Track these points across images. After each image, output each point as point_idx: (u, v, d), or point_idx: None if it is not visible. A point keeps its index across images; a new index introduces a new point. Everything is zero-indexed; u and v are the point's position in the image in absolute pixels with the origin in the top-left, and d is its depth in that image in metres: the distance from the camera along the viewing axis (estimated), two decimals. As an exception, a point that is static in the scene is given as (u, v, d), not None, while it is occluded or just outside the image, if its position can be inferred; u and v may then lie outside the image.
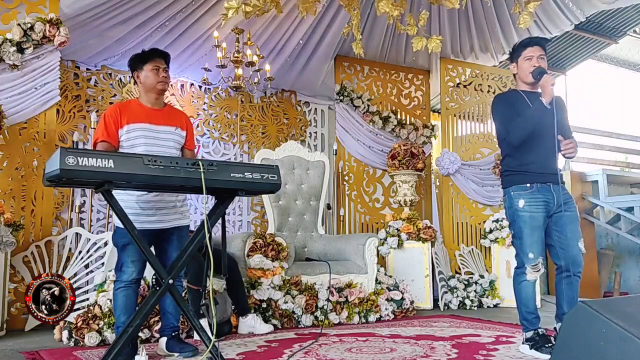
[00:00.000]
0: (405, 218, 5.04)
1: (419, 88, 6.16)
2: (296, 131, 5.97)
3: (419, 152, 5.32)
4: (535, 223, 2.80)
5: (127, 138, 2.72)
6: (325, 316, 3.89)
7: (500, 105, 2.94)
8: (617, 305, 1.83)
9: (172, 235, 2.82)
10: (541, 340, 2.73)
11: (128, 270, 2.68)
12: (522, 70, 2.90)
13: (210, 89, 5.49)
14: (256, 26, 4.86)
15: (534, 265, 2.79)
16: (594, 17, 6.22)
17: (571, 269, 2.80)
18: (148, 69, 2.80)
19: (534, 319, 2.80)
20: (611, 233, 7.45)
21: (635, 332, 1.64)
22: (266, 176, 2.44)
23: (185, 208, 2.93)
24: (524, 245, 2.81)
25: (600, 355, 1.71)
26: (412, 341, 3.17)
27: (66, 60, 4.65)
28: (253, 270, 3.82)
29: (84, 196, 4.63)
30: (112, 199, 2.28)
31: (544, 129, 2.76)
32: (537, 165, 2.81)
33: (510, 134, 2.83)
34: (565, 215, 2.82)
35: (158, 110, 2.85)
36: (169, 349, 2.84)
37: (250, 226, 5.56)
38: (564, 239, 2.82)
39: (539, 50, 2.87)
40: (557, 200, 2.81)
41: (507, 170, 2.93)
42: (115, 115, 2.73)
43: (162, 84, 2.82)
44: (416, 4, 5.01)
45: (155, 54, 2.84)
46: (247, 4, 3.70)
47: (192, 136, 2.98)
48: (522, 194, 2.82)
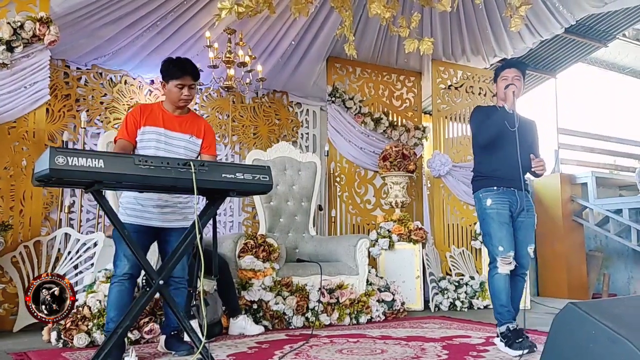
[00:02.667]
0: (396, 219, 5.05)
1: (410, 90, 6.18)
2: (288, 132, 5.97)
3: (410, 153, 5.33)
4: (502, 219, 3.00)
5: (142, 139, 2.79)
6: (316, 317, 3.88)
7: (477, 114, 3.20)
8: (606, 306, 1.85)
9: (172, 237, 2.81)
10: (513, 335, 2.86)
11: (121, 264, 2.71)
12: (499, 90, 3.16)
13: (202, 89, 5.47)
14: (248, 27, 4.85)
15: (505, 257, 2.95)
16: (584, 20, 6.27)
17: (518, 270, 3.04)
18: (173, 84, 2.81)
19: (506, 312, 2.94)
20: (600, 235, 7.51)
21: (624, 334, 1.65)
22: (257, 177, 2.44)
23: (188, 210, 2.89)
24: (494, 240, 2.99)
25: (589, 357, 1.71)
26: (402, 342, 3.18)
27: (56, 59, 4.61)
28: (244, 271, 3.80)
29: (74, 196, 4.59)
30: (102, 199, 2.26)
31: (511, 140, 2.99)
32: (503, 172, 3.03)
33: (479, 136, 3.10)
34: (524, 221, 3.06)
35: (178, 117, 2.89)
36: (167, 347, 2.90)
37: (241, 227, 5.55)
38: (517, 242, 3.02)
39: (515, 72, 3.12)
40: (520, 204, 3.05)
41: (478, 176, 3.17)
42: (137, 116, 2.80)
43: (183, 102, 2.86)
44: (408, 6, 5.03)
45: (184, 72, 2.81)
46: (240, 4, 3.69)
47: (211, 143, 2.96)
48: (489, 194, 3.05)
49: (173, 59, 2.86)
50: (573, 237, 7.04)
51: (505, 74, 3.13)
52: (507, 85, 3.07)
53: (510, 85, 3.05)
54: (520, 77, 3.12)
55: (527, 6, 4.13)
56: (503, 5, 4.60)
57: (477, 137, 3.13)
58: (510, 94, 3.03)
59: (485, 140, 3.06)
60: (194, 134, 2.90)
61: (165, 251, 2.86)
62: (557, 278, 6.88)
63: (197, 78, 2.87)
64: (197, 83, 2.90)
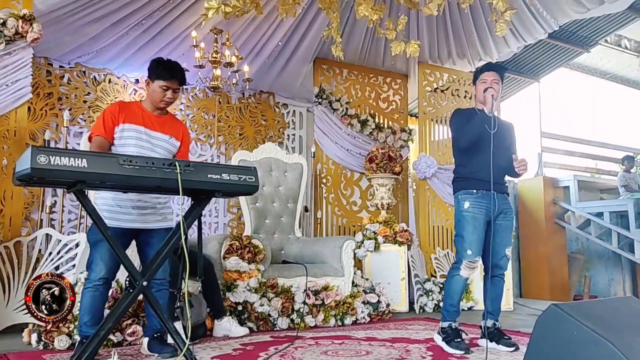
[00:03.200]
0: (382, 221, 5.06)
1: (397, 92, 6.21)
2: (274, 133, 5.95)
3: (396, 155, 5.36)
4: (477, 223, 3.05)
5: (120, 137, 2.75)
6: (302, 319, 3.87)
7: (457, 117, 3.24)
8: (587, 308, 1.87)
9: (152, 238, 2.79)
10: (453, 334, 2.99)
11: (97, 269, 2.66)
12: (478, 92, 3.21)
13: (188, 89, 5.43)
14: (235, 27, 4.83)
15: (470, 262, 3.03)
16: (567, 26, 6.36)
17: (496, 271, 3.12)
18: (159, 84, 2.80)
19: (454, 312, 3.07)
20: (581, 237, 7.62)
21: (606, 335, 1.67)
22: (243, 178, 2.43)
23: (167, 211, 2.90)
24: (465, 242, 3.05)
25: (571, 357, 1.74)
26: (387, 344, 3.19)
27: (39, 57, 4.54)
28: (229, 272, 3.78)
29: (55, 196, 4.52)
30: (84, 199, 2.23)
31: (489, 143, 3.02)
32: (483, 174, 3.05)
33: (460, 139, 3.14)
34: (502, 224, 3.11)
35: (157, 117, 2.88)
36: (150, 350, 2.87)
37: (226, 228, 5.51)
38: (495, 244, 3.08)
39: (494, 75, 3.17)
40: (498, 207, 3.09)
41: (458, 178, 3.21)
42: (115, 113, 2.76)
43: (164, 104, 2.85)
44: (395, 8, 5.05)
45: (172, 75, 2.79)
46: (227, 4, 3.68)
47: (186, 148, 2.98)
48: (468, 197, 3.09)
49: (164, 60, 2.84)
50: (555, 239, 7.13)
51: (484, 77, 3.17)
52: (486, 89, 3.11)
53: (489, 89, 3.09)
54: (498, 81, 3.17)
55: (512, 11, 4.18)
56: (489, 10, 4.64)
57: (459, 140, 3.16)
58: (489, 97, 3.06)
59: (466, 143, 3.10)
60: (173, 135, 2.89)
61: (145, 253, 2.82)
62: (539, 280, 6.96)
63: (183, 83, 2.87)
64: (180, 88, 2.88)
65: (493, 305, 3.13)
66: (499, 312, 3.16)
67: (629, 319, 1.87)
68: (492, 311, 3.12)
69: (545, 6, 5.11)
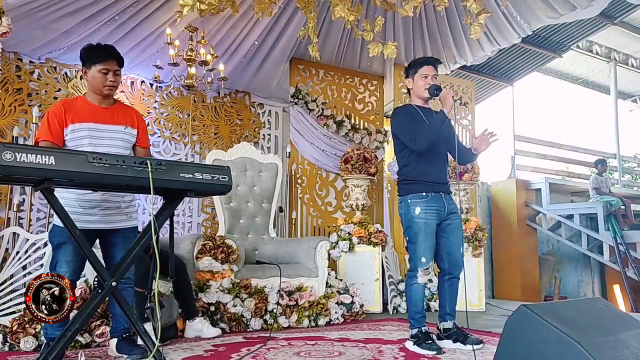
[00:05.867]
0: (356, 222, 5.07)
1: (373, 93, 6.23)
2: (249, 132, 5.91)
3: (371, 156, 5.37)
4: (429, 229, 3.03)
5: (72, 138, 2.62)
6: (275, 320, 3.85)
7: (402, 117, 3.16)
8: (557, 309, 1.90)
9: (116, 238, 2.73)
10: (423, 337, 3.00)
11: (61, 271, 2.58)
12: (418, 87, 3.15)
13: (162, 87, 5.35)
14: (210, 25, 4.78)
15: (426, 269, 3.04)
16: (540, 31, 6.49)
17: (453, 271, 3.12)
18: (96, 70, 2.66)
19: (420, 318, 3.07)
20: (552, 239, 7.77)
21: (574, 336, 1.70)
22: (217, 177, 2.39)
23: (131, 209, 2.83)
24: (418, 251, 3.03)
25: (539, 357, 1.76)
26: (360, 345, 3.19)
27: (8, 51, 4.42)
28: (202, 272, 3.74)
29: (24, 194, 4.41)
30: (52, 197, 2.17)
31: (438, 141, 3.02)
32: (431, 175, 3.05)
33: (417, 142, 2.98)
34: (452, 224, 3.10)
35: (105, 108, 2.74)
36: (118, 351, 2.78)
37: (200, 228, 5.45)
38: (450, 245, 3.08)
39: (432, 70, 3.13)
40: (447, 208, 3.08)
41: (406, 180, 3.13)
42: (60, 114, 2.61)
43: (108, 89, 2.69)
44: (372, 10, 5.07)
45: (108, 56, 2.67)
46: (202, 2, 3.63)
47: (144, 133, 2.86)
48: (419, 202, 3.04)
49: (94, 44, 2.72)
50: (527, 241, 7.25)
51: (425, 71, 3.11)
52: (437, 88, 3.02)
53: (445, 89, 3.04)
54: (437, 76, 3.14)
55: (487, 15, 4.23)
56: (464, 13, 4.70)
57: (415, 145, 2.99)
58: (449, 98, 2.93)
59: (425, 145, 2.97)
60: (128, 124, 2.76)
61: (110, 253, 2.74)
62: (511, 281, 7.07)
63: (121, 64, 2.73)
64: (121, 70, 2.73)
65: (451, 305, 3.14)
66: (454, 313, 3.16)
67: (596, 319, 1.90)
68: (451, 312, 3.14)
69: (519, 11, 5.20)
